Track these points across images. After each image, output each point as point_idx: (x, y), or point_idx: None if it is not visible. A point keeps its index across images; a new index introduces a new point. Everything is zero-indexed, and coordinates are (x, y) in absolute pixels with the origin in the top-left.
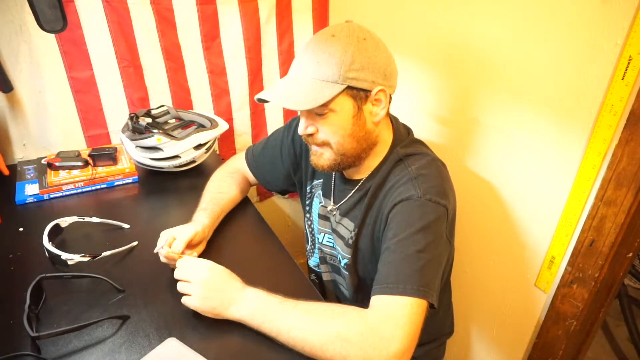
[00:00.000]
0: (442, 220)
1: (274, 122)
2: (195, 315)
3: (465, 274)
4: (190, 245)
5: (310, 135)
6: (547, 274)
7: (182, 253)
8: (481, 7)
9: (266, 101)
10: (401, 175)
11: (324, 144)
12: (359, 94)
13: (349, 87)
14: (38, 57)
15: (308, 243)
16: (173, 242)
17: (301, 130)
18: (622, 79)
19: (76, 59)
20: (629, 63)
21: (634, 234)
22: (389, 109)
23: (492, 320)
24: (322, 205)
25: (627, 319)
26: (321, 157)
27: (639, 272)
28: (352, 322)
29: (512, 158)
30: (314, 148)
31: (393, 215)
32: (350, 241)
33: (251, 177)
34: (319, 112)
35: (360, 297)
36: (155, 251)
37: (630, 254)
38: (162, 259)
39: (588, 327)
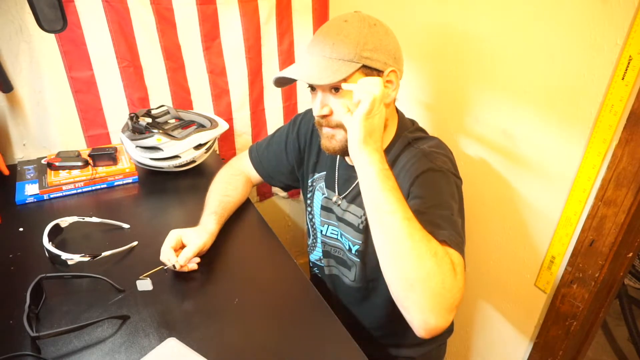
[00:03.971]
0: (460, 191)
1: (274, 122)
2: (195, 316)
3: (465, 273)
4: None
5: (325, 117)
6: (547, 274)
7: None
8: (481, 7)
9: (285, 84)
10: (413, 154)
11: (338, 126)
12: (372, 74)
13: (364, 66)
14: (38, 57)
15: (309, 237)
16: (179, 246)
17: (316, 111)
18: (622, 79)
19: (76, 59)
20: (629, 63)
21: (634, 234)
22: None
23: (492, 320)
24: (325, 197)
25: (627, 319)
26: (333, 139)
27: (639, 272)
28: (445, 255)
29: (512, 158)
30: (325, 130)
31: (416, 186)
32: (361, 226)
33: (254, 178)
34: (336, 89)
35: (366, 286)
36: (166, 267)
37: (630, 254)
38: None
39: (588, 327)
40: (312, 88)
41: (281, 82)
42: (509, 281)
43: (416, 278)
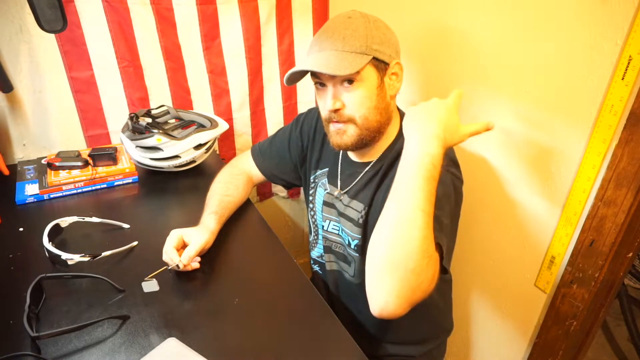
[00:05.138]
0: (458, 191)
1: (274, 122)
2: (196, 316)
3: (465, 273)
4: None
5: (336, 111)
6: (547, 274)
7: None
8: (481, 7)
9: (294, 81)
10: None
11: (349, 120)
12: (380, 65)
13: (374, 58)
14: (38, 57)
15: (311, 234)
16: (180, 246)
17: (329, 105)
18: (622, 79)
19: (76, 59)
20: (629, 63)
21: (634, 234)
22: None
23: (492, 320)
24: (327, 193)
25: (627, 319)
26: (344, 135)
27: (639, 272)
28: (435, 266)
29: (512, 158)
30: (336, 127)
31: None
32: (361, 220)
33: (255, 177)
34: (350, 80)
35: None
36: (169, 267)
37: (630, 254)
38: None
39: (588, 327)
40: (321, 84)
41: (292, 79)
42: (509, 281)
43: (405, 268)
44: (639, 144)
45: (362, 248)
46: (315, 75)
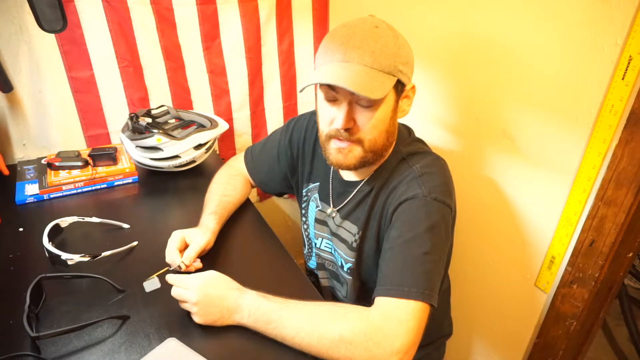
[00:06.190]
0: (447, 220)
1: (274, 122)
2: None
3: (465, 274)
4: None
5: (347, 130)
6: (547, 274)
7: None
8: (481, 7)
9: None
10: (405, 173)
11: (357, 142)
12: (399, 87)
13: (397, 80)
14: (38, 57)
15: (305, 247)
16: (183, 247)
17: (341, 123)
18: (622, 79)
19: (76, 59)
20: (629, 63)
21: (634, 234)
22: None
23: (492, 320)
24: (319, 210)
25: (627, 319)
26: (349, 155)
27: (639, 272)
28: (355, 323)
29: (512, 158)
30: (339, 144)
31: (398, 214)
32: (355, 244)
33: (252, 180)
34: (370, 104)
35: (360, 304)
36: (172, 268)
37: (630, 254)
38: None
39: (588, 327)
40: (333, 97)
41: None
42: (509, 281)
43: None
44: (639, 144)
45: (355, 271)
46: (330, 87)
